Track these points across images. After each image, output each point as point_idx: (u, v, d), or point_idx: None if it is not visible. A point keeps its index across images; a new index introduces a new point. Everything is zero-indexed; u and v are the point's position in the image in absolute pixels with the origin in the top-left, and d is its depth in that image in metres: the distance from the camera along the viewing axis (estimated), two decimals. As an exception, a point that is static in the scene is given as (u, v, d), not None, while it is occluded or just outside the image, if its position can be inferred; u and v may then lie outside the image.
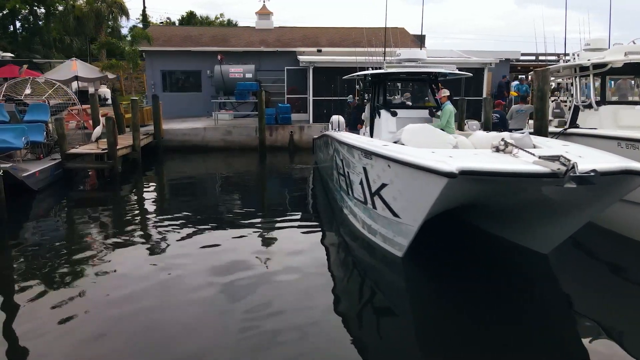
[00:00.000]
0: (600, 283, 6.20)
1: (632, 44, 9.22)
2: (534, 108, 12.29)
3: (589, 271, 6.60)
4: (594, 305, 5.57)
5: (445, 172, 4.46)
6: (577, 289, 6.01)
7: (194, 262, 6.85)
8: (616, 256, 6.91)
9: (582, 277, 6.34)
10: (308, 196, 12.19)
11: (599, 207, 5.34)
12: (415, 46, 24.13)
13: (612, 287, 6.08)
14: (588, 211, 5.42)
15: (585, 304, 5.64)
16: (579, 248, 7.05)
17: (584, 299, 5.75)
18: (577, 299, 5.72)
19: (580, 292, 5.92)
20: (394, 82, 10.55)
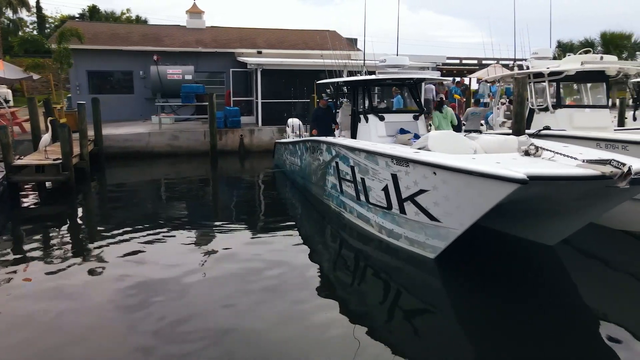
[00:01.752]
0: (599, 272, 6.97)
1: (587, 55, 10.39)
2: (487, 111, 13.39)
3: (590, 260, 7.35)
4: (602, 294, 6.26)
5: (518, 179, 4.75)
6: (592, 278, 6.65)
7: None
8: (600, 243, 7.72)
9: (590, 266, 7.05)
10: (279, 201, 11.99)
11: (610, 205, 5.99)
12: (351, 48, 24.76)
13: (609, 275, 6.86)
14: (600, 209, 6.06)
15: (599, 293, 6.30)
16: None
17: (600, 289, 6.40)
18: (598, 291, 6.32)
19: (596, 282, 6.58)
20: (378, 87, 10.77)
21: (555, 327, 5.06)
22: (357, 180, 7.77)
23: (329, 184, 9.29)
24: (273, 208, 11.34)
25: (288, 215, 10.62)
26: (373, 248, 7.60)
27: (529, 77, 11.35)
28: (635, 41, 24.72)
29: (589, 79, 10.55)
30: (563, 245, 7.03)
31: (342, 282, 6.66)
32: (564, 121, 10.17)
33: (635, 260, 7.12)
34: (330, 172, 9.08)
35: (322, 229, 9.34)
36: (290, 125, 14.38)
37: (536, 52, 11.97)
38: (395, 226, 7.07)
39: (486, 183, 5.10)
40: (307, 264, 7.15)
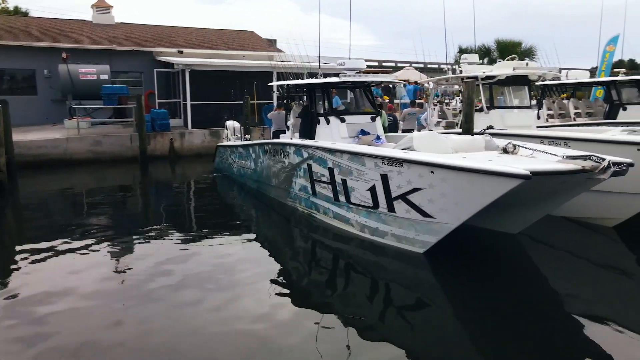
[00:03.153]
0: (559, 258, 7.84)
1: (516, 61, 11.57)
2: (423, 111, 14.27)
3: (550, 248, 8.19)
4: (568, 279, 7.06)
5: (522, 175, 5.22)
6: (555, 265, 7.26)
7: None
8: (549, 230, 8.58)
9: (550, 254, 7.72)
10: (228, 206, 11.65)
11: (570, 196, 6.79)
12: (272, 49, 24.74)
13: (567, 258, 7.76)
14: (561, 200, 6.85)
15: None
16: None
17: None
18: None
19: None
20: (336, 89, 10.94)
21: (532, 315, 5.44)
22: (336, 181, 7.88)
23: (297, 186, 9.28)
24: (222, 213, 10.90)
25: (242, 219, 10.33)
26: (354, 247, 7.75)
27: (462, 81, 12.36)
28: (524, 48, 27.99)
29: (516, 83, 11.75)
30: (520, 234, 7.77)
31: (322, 283, 6.54)
32: (496, 121, 11.23)
33: (591, 247, 8.00)
34: (299, 174, 9.07)
35: (289, 231, 9.30)
36: (231, 127, 14.03)
37: (466, 58, 13.06)
38: (381, 224, 7.31)
39: (490, 179, 5.54)
40: (278, 269, 6.98)
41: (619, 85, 13.76)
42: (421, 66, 31.19)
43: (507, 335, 5.06)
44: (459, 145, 7.25)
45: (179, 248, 7.85)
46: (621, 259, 7.62)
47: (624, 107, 13.45)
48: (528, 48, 27.55)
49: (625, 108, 13.43)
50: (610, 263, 7.39)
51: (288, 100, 11.48)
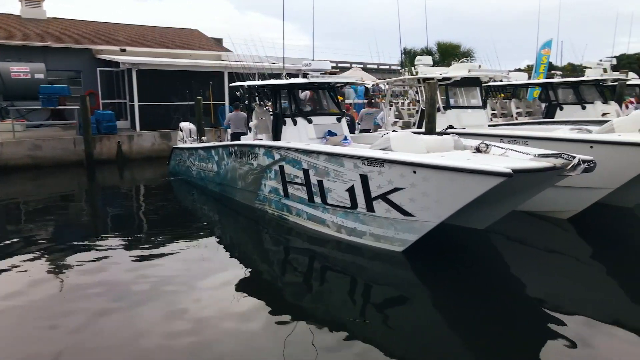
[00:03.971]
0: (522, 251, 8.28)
1: (470, 64, 12.08)
2: (380, 111, 14.54)
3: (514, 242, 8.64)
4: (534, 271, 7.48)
5: (504, 173, 5.46)
6: (521, 259, 7.64)
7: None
8: (513, 224, 9.00)
9: (516, 248, 8.14)
10: (188, 210, 11.24)
11: (536, 192, 7.20)
12: (219, 48, 24.22)
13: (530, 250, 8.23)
14: (528, 195, 7.25)
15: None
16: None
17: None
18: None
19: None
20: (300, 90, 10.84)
21: (502, 305, 5.73)
22: (311, 182, 7.85)
23: (266, 188, 9.14)
24: (181, 218, 10.45)
25: (204, 224, 10.02)
26: (330, 248, 7.77)
27: (419, 82, 12.75)
28: (463, 50, 29.38)
29: (468, 84, 12.29)
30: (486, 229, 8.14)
31: (298, 286, 6.51)
32: (453, 121, 11.70)
33: (550, 238, 8.47)
34: (269, 176, 8.94)
35: (257, 235, 9.14)
36: (187, 129, 13.56)
37: (420, 60, 13.47)
38: (359, 224, 7.37)
39: (473, 178, 5.75)
40: (247, 273, 6.87)
41: (556, 87, 14.80)
42: (375, 67, 31.90)
43: (481, 326, 5.27)
44: (430, 145, 7.45)
45: (134, 257, 7.50)
46: (576, 249, 8.20)
47: (561, 107, 14.48)
48: (466, 50, 28.92)
49: (562, 108, 14.46)
50: (567, 253, 7.95)
51: (250, 101, 11.28)
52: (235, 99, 17.59)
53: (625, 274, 6.90)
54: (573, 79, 15.15)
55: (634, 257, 7.66)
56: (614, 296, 6.17)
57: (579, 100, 14.36)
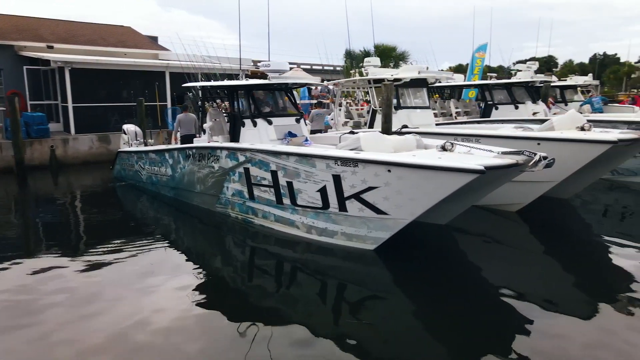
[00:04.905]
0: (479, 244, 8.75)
1: (419, 65, 12.53)
2: (330, 112, 14.71)
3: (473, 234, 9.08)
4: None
5: (477, 170, 5.74)
6: (482, 252, 8.12)
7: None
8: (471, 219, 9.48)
9: (475, 241, 8.59)
10: (138, 217, 10.70)
11: (494, 187, 7.66)
12: (156, 47, 23.30)
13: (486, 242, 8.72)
14: (487, 190, 7.68)
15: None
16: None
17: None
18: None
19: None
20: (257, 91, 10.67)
21: (467, 296, 6.05)
22: (279, 184, 7.79)
23: (229, 191, 8.94)
24: (131, 225, 9.93)
25: (157, 230, 9.51)
26: (300, 250, 7.77)
27: (369, 83, 13.06)
28: (398, 53, 30.45)
29: (416, 85, 12.77)
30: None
31: (267, 290, 6.43)
32: (404, 120, 12.11)
33: (501, 230, 9.06)
34: (232, 178, 8.75)
35: (219, 239, 8.92)
36: (132, 132, 12.90)
37: (369, 61, 13.80)
38: (331, 224, 7.43)
39: (446, 175, 6.00)
40: (209, 280, 6.72)
41: (491, 88, 15.78)
42: (320, 68, 32.16)
43: (451, 318, 5.51)
44: (396, 145, 7.65)
45: (77, 267, 7.05)
46: (526, 239, 8.83)
47: (496, 107, 15.47)
48: (402, 52, 30.03)
49: (497, 107, 15.45)
50: (519, 243, 8.55)
51: (203, 102, 10.98)
52: (179, 100, 17.05)
53: (568, 260, 7.53)
54: (506, 81, 16.23)
55: (574, 244, 8.41)
56: (560, 280, 6.73)
57: (512, 100, 15.41)
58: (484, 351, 4.77)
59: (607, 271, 7.03)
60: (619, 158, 9.29)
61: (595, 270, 7.10)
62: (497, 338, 5.08)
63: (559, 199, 10.19)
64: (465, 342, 5.01)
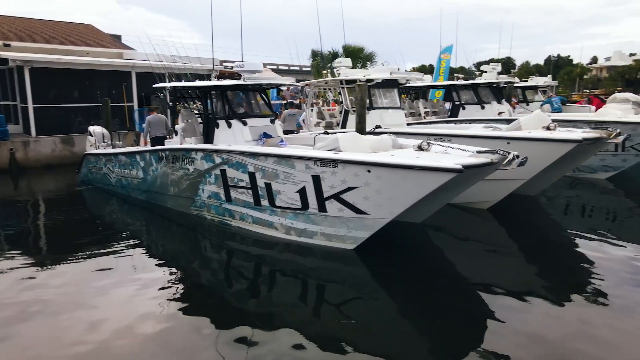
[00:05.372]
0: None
1: (390, 66, 12.70)
2: (302, 112, 14.71)
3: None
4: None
5: (455, 169, 5.88)
6: (455, 249, 8.36)
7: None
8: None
9: (447, 238, 8.84)
10: (108, 221, 10.37)
11: (468, 186, 7.86)
12: (119, 45, 22.71)
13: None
14: (460, 189, 7.88)
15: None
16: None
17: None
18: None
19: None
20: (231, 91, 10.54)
21: (444, 292, 6.23)
22: (258, 185, 7.74)
23: (205, 194, 8.81)
24: (102, 230, 9.59)
25: (129, 234, 9.22)
26: (279, 251, 7.75)
27: (342, 83, 13.14)
28: (365, 53, 30.79)
29: (387, 86, 12.95)
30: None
31: (246, 292, 6.39)
32: (376, 120, 12.26)
33: (473, 227, 9.29)
34: (208, 180, 8.63)
35: (195, 242, 8.78)
36: (99, 134, 12.51)
37: (341, 62, 13.90)
38: (310, 225, 7.45)
39: (426, 174, 6.12)
40: (186, 284, 6.62)
41: (459, 89, 16.19)
42: (286, 68, 32.04)
43: (430, 315, 5.65)
44: (373, 145, 7.74)
45: (47, 277, 6.81)
46: (497, 235, 9.10)
47: (464, 107, 15.89)
48: (369, 53, 30.38)
49: (464, 107, 15.87)
50: (491, 239, 8.81)
51: (174, 103, 10.78)
52: (147, 101, 16.67)
53: (537, 253, 7.84)
54: (472, 82, 16.69)
55: (542, 238, 8.75)
56: (531, 273, 7.04)
57: (478, 100, 15.86)
58: (463, 342, 4.94)
59: (573, 263, 7.36)
60: (582, 156, 9.72)
61: (562, 262, 7.43)
62: (474, 329, 5.26)
63: (527, 196, 10.56)
64: (446, 335, 5.16)
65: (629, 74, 74.48)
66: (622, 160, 12.62)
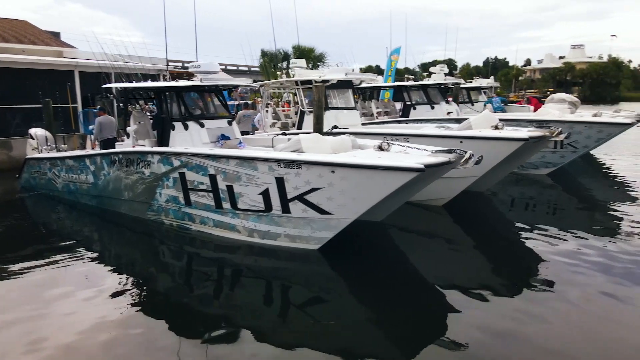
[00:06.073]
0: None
1: (345, 67, 12.86)
2: (257, 113, 14.60)
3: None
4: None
5: (417, 168, 6.05)
6: (412, 245, 8.67)
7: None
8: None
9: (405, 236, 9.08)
10: (54, 229, 9.81)
11: (426, 184, 8.11)
12: (59, 43, 21.58)
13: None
14: (419, 187, 8.13)
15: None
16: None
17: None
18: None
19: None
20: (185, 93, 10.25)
21: (408, 291, 6.37)
22: (219, 188, 7.62)
23: (162, 198, 8.55)
24: (49, 238, 9.06)
25: (79, 242, 8.72)
26: (242, 254, 7.67)
27: (297, 84, 13.17)
28: (316, 54, 31.01)
29: (343, 86, 13.12)
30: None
31: (209, 297, 6.28)
32: (333, 121, 12.39)
33: (429, 224, 9.62)
34: (166, 184, 8.38)
35: (152, 247, 8.50)
36: (42, 137, 11.81)
37: (295, 62, 13.93)
38: (273, 226, 7.42)
39: (389, 174, 6.26)
40: (143, 291, 6.46)
41: (409, 89, 16.68)
42: (234, 68, 31.59)
43: (394, 311, 5.76)
44: (334, 145, 7.83)
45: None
46: (453, 231, 9.48)
47: (414, 107, 16.39)
48: (320, 54, 30.67)
49: (415, 108, 16.38)
50: (447, 235, 9.13)
51: (125, 104, 10.37)
52: (92, 101, 15.91)
53: (489, 247, 8.30)
54: (422, 83, 17.24)
55: (493, 232, 9.22)
56: (485, 265, 7.44)
57: (428, 101, 16.41)
58: (426, 335, 5.16)
59: (521, 256, 7.74)
60: (527, 153, 10.30)
61: (512, 255, 7.82)
62: (435, 321, 5.51)
63: (477, 193, 11.06)
64: (409, 328, 5.34)
65: (559, 75, 79.86)
66: (560, 156, 13.50)
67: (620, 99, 69.86)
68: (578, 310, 5.64)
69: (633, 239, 8.04)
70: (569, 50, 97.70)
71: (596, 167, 16.33)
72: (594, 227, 8.95)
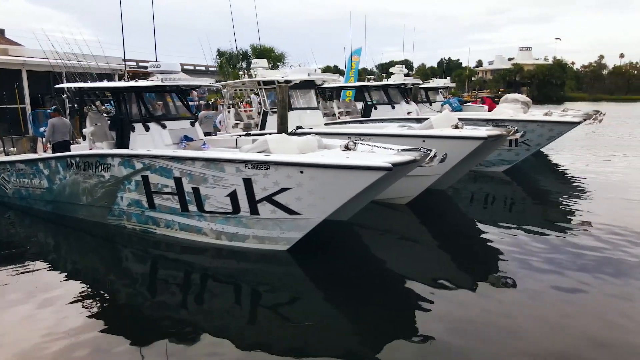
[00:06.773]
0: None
1: (308, 67, 12.85)
2: (219, 114, 14.39)
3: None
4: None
5: (385, 167, 6.13)
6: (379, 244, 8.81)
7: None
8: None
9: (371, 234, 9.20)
10: (9, 236, 9.30)
11: (391, 183, 8.24)
12: (4, 41, 20.48)
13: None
14: (385, 186, 8.26)
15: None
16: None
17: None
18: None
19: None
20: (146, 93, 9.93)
21: (376, 288, 6.47)
22: (185, 191, 7.45)
23: (124, 202, 8.27)
24: (2, 247, 8.55)
25: (35, 250, 8.35)
26: (210, 257, 7.55)
27: (259, 84, 13.07)
28: (276, 54, 30.84)
29: (306, 87, 13.13)
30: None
31: (176, 304, 6.11)
32: (296, 121, 12.38)
33: (393, 222, 9.78)
34: (127, 187, 8.10)
35: (113, 253, 8.23)
36: (-11, 139, 11.15)
37: (257, 62, 13.82)
38: (242, 228, 7.34)
39: (357, 173, 6.32)
40: (106, 299, 6.23)
41: (370, 89, 16.91)
42: (191, 68, 30.90)
43: (363, 308, 5.85)
44: (300, 145, 7.82)
45: None
46: (417, 228, 9.72)
47: (375, 107, 16.64)
48: (280, 53, 30.53)
49: (376, 107, 16.63)
50: (411, 232, 9.37)
51: (81, 105, 9.97)
52: (41, 102, 15.17)
53: (452, 243, 8.54)
54: (382, 83, 17.51)
55: (456, 229, 9.47)
56: (447, 261, 7.70)
57: (389, 101, 16.69)
58: (396, 330, 5.27)
59: (483, 251, 8.00)
60: (486, 151, 10.67)
61: (474, 250, 8.09)
62: (404, 317, 5.65)
63: (439, 190, 11.36)
64: (380, 324, 5.42)
65: (509, 76, 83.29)
66: (515, 154, 14.09)
67: (565, 99, 73.72)
68: (534, 299, 5.92)
69: (582, 231, 8.54)
70: (517, 52, 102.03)
71: (546, 164, 17.17)
72: (548, 220, 9.42)
